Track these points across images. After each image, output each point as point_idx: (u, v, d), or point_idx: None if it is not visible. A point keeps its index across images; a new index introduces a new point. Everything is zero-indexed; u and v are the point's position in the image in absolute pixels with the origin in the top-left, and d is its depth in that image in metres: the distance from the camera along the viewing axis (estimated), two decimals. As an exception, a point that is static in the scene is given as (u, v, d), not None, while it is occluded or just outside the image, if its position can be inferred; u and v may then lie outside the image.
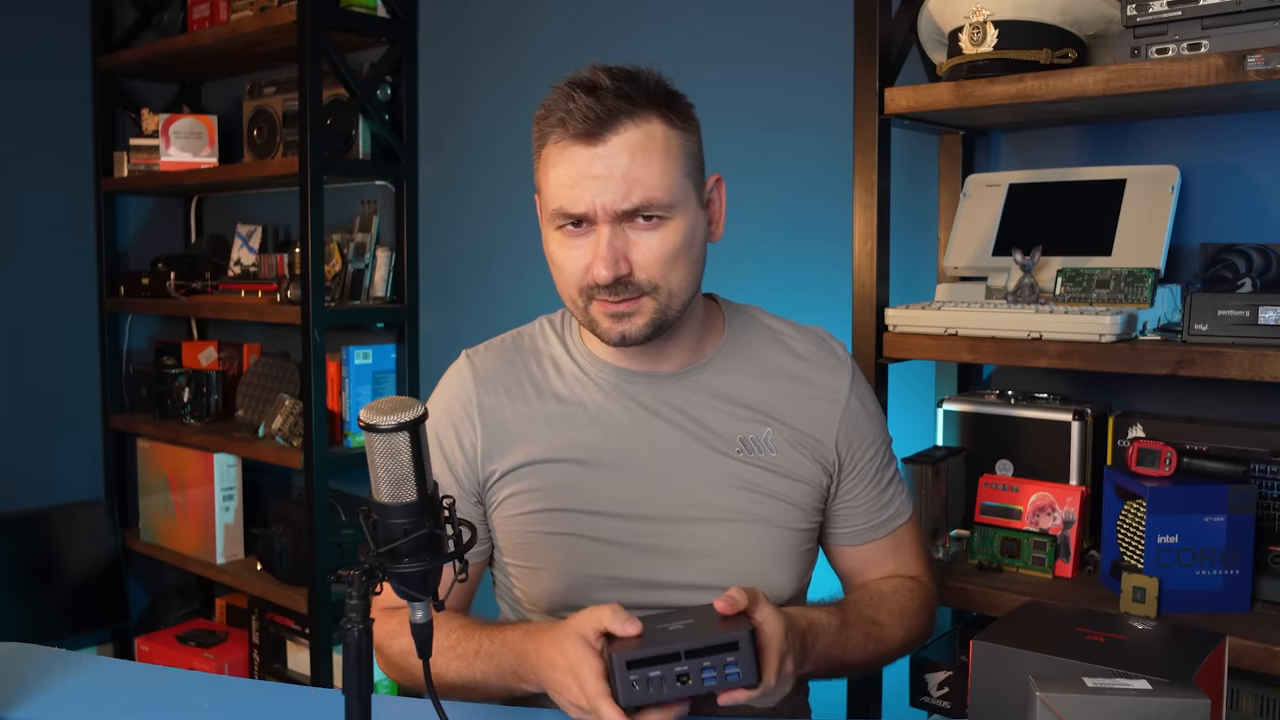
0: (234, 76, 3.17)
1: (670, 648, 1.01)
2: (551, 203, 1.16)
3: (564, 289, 1.21)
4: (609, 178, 1.12)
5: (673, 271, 1.17)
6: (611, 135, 1.13)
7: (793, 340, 1.32)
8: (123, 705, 1.17)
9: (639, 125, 1.14)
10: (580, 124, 1.12)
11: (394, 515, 0.89)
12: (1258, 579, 1.43)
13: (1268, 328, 1.35)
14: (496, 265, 2.57)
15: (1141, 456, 1.46)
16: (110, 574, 3.02)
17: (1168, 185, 1.59)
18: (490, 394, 1.27)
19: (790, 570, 1.27)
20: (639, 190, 1.13)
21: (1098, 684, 0.85)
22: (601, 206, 1.13)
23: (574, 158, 1.13)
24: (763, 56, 2.11)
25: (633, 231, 1.15)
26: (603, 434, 1.25)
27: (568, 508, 1.23)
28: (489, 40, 2.57)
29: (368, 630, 0.88)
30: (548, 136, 1.16)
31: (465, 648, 1.17)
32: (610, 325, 1.18)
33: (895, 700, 1.74)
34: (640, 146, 1.13)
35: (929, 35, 1.72)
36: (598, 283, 1.15)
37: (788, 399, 1.28)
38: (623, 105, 1.13)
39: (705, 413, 1.26)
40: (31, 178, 3.12)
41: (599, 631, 1.04)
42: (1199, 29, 1.37)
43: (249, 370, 3.00)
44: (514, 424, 1.26)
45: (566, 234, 1.17)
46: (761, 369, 1.29)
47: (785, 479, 1.26)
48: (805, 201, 2.06)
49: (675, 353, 1.27)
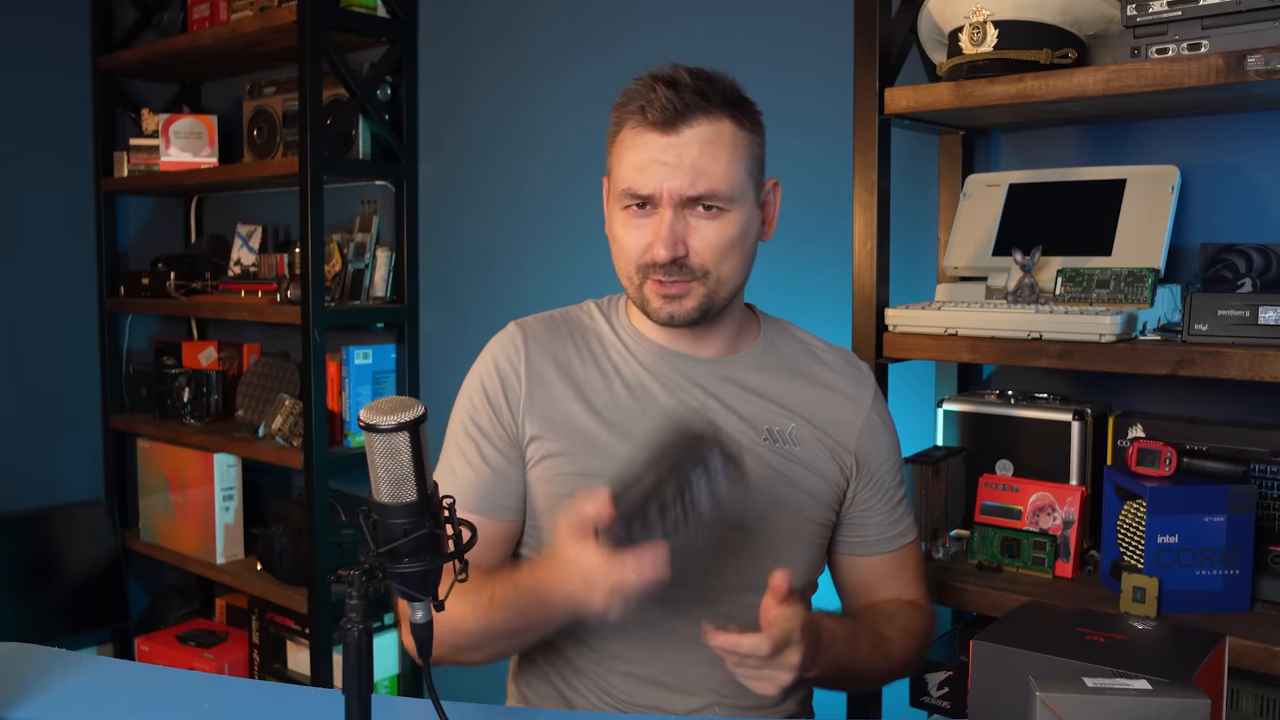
0: (234, 76, 3.17)
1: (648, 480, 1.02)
2: (621, 183, 1.23)
3: (622, 265, 1.27)
4: (678, 165, 1.19)
5: (725, 260, 1.24)
6: (685, 127, 1.20)
7: (822, 352, 1.39)
8: (123, 705, 1.17)
9: (711, 122, 1.21)
10: (658, 113, 1.19)
11: (394, 515, 0.89)
12: (1258, 579, 1.43)
13: (1268, 328, 1.35)
14: (496, 265, 2.57)
15: (1141, 456, 1.46)
16: (110, 574, 3.02)
17: (1168, 185, 1.59)
18: (538, 357, 1.32)
19: (804, 558, 1.30)
20: (704, 180, 1.20)
21: (1098, 684, 0.85)
22: (668, 191, 1.20)
23: (648, 144, 1.20)
24: (763, 56, 2.11)
25: (693, 218, 1.22)
26: (638, 405, 1.29)
27: (597, 473, 1.25)
28: (489, 40, 2.57)
29: (368, 630, 0.88)
30: (625, 122, 1.23)
31: (480, 596, 1.18)
32: (661, 304, 1.24)
33: (895, 700, 1.74)
34: (710, 141, 1.20)
35: (929, 35, 1.72)
36: (656, 261, 1.21)
37: (814, 401, 1.33)
38: (699, 101, 1.20)
39: (735, 399, 1.31)
40: (31, 178, 3.12)
41: (580, 519, 1.06)
42: (1199, 29, 1.37)
43: (249, 370, 3.00)
44: (556, 387, 1.30)
45: (631, 214, 1.24)
46: (791, 371, 1.34)
47: (808, 472, 1.30)
48: (805, 201, 2.06)
49: (715, 341, 1.32)
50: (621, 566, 1.03)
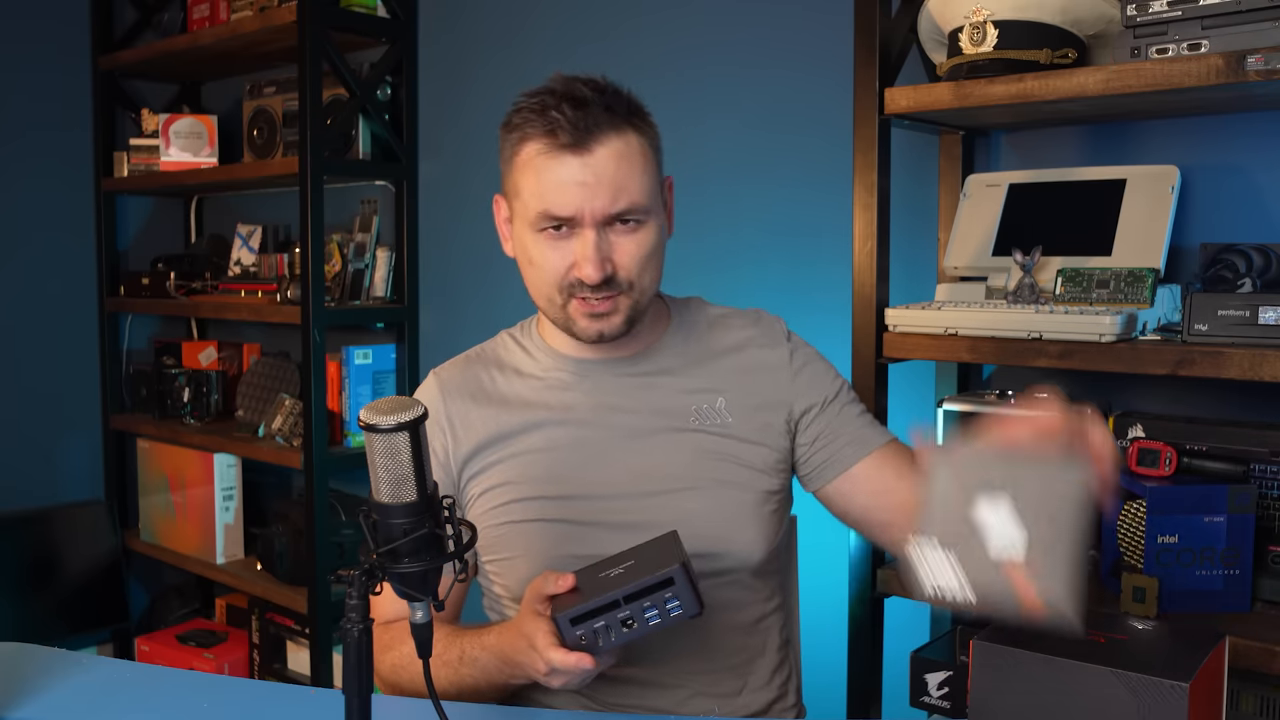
0: (234, 76, 3.17)
1: (608, 596, 1.04)
2: (536, 205, 1.22)
3: (542, 288, 1.26)
4: (597, 184, 1.19)
5: (646, 270, 1.25)
6: (597, 145, 1.19)
7: (733, 322, 1.39)
8: (123, 705, 1.17)
9: (620, 136, 1.21)
10: (568, 134, 1.18)
11: (394, 515, 0.90)
12: (1258, 579, 1.43)
13: (1268, 328, 1.35)
14: (496, 265, 2.57)
15: (1141, 456, 1.46)
16: (110, 574, 3.02)
17: (1168, 185, 1.59)
18: (456, 402, 1.34)
19: (755, 530, 1.30)
20: (624, 196, 1.20)
21: None
22: (590, 211, 1.20)
23: (562, 165, 1.20)
24: (763, 56, 2.11)
25: (614, 234, 1.22)
26: (563, 422, 1.31)
27: (535, 495, 1.29)
28: (489, 40, 2.57)
29: (368, 630, 0.88)
30: (526, 143, 1.22)
31: (450, 655, 1.22)
32: (589, 324, 1.25)
33: (895, 700, 1.74)
34: (623, 155, 1.21)
35: (929, 35, 1.72)
36: (585, 282, 1.21)
37: (735, 370, 1.34)
38: (606, 117, 1.20)
39: (658, 391, 1.32)
40: (31, 178, 3.12)
41: (543, 598, 1.10)
42: (1199, 29, 1.37)
43: (249, 370, 3.00)
44: (479, 426, 1.32)
45: (548, 236, 1.23)
46: (706, 348, 1.36)
47: (742, 443, 1.31)
48: (805, 201, 2.06)
49: (630, 341, 1.33)
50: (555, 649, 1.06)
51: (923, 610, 1.87)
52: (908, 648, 1.68)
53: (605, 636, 1.05)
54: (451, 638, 1.23)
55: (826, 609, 1.87)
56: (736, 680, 1.30)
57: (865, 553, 1.68)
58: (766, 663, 1.33)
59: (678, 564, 1.04)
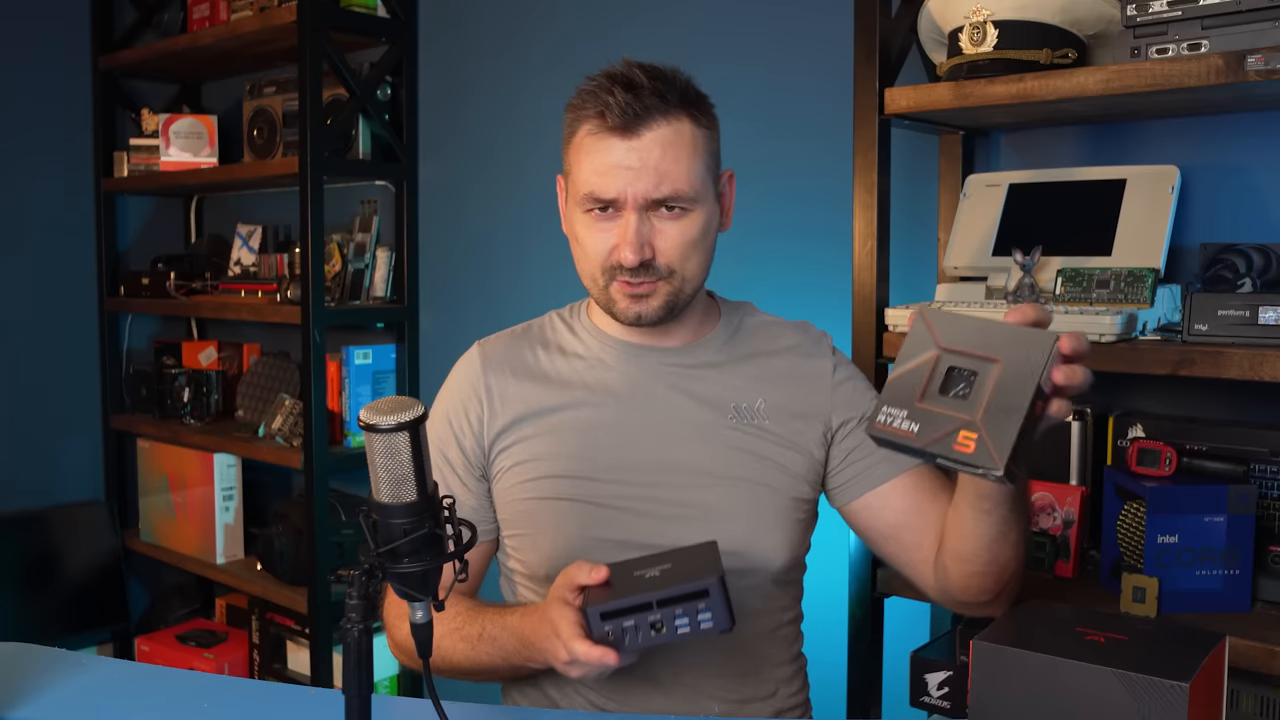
0: (234, 76, 3.17)
1: (641, 598, 1.03)
2: (583, 187, 1.24)
3: (586, 267, 1.28)
4: (641, 169, 1.20)
5: (689, 258, 1.25)
6: (645, 130, 1.21)
7: (779, 326, 1.40)
8: (123, 705, 1.17)
9: (670, 123, 1.22)
10: (618, 118, 1.20)
11: (394, 515, 0.90)
12: (1258, 579, 1.43)
13: (1268, 328, 1.35)
14: (496, 265, 2.57)
15: (1141, 456, 1.46)
16: (110, 574, 3.03)
17: (1168, 185, 1.59)
18: (496, 374, 1.34)
19: (781, 534, 1.30)
20: (668, 182, 1.21)
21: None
22: (633, 195, 1.21)
23: (609, 148, 1.21)
24: (763, 56, 2.11)
25: (657, 220, 1.23)
26: (601, 403, 1.31)
27: (564, 474, 1.29)
28: (489, 40, 2.57)
29: (368, 630, 0.88)
30: (581, 124, 1.24)
31: (469, 630, 1.23)
32: (628, 305, 1.26)
33: (895, 700, 1.74)
34: (670, 142, 1.21)
35: (929, 35, 1.72)
36: (623, 265, 1.23)
37: (778, 374, 1.35)
38: (657, 102, 1.21)
39: (700, 384, 1.32)
40: (31, 178, 3.12)
41: (574, 588, 1.10)
42: (1199, 29, 1.37)
43: (249, 370, 3.00)
44: (518, 400, 1.32)
45: (594, 217, 1.24)
46: (753, 350, 1.36)
47: (778, 445, 1.31)
48: (805, 201, 2.06)
49: (678, 332, 1.34)
50: (580, 640, 1.06)
51: (923, 610, 1.87)
52: (908, 648, 1.68)
53: (633, 636, 1.04)
54: (472, 613, 1.24)
55: (826, 609, 1.87)
56: (747, 689, 1.29)
57: (865, 553, 1.68)
58: (778, 674, 1.32)
59: (716, 576, 1.03)
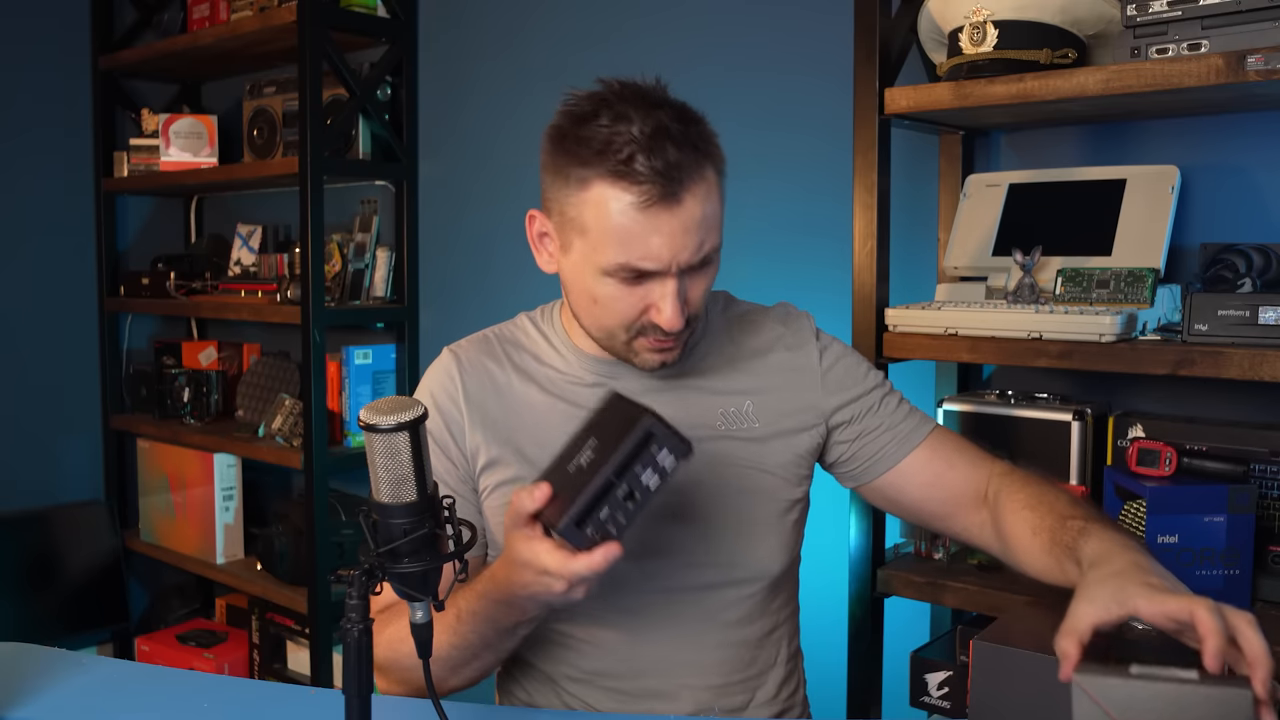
0: (234, 76, 3.17)
1: (598, 482, 0.97)
2: (615, 256, 1.12)
3: (604, 322, 1.19)
4: (685, 235, 1.11)
5: (705, 298, 1.20)
6: (686, 195, 1.10)
7: (760, 320, 1.35)
8: (123, 705, 1.17)
9: (703, 177, 1.12)
10: (659, 188, 1.08)
11: (394, 515, 0.90)
12: (1258, 579, 1.43)
13: (1268, 328, 1.35)
14: (496, 265, 2.57)
15: (1141, 456, 1.46)
16: (110, 574, 3.02)
17: (1168, 185, 1.59)
18: (474, 383, 1.28)
19: (775, 539, 1.28)
20: (709, 241, 1.14)
21: (1142, 670, 0.81)
22: (677, 264, 1.13)
23: (649, 219, 1.10)
24: (763, 57, 2.11)
25: (690, 278, 1.16)
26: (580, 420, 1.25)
27: None
28: (489, 40, 2.57)
29: (368, 630, 0.88)
30: (600, 183, 1.10)
31: (446, 618, 1.15)
32: (653, 357, 1.20)
33: (895, 700, 1.74)
34: (705, 198, 1.13)
35: (929, 35, 1.72)
36: (666, 329, 1.15)
37: (763, 376, 1.30)
38: (692, 158, 1.11)
39: (685, 394, 1.28)
40: (31, 178, 3.12)
41: (525, 517, 1.02)
42: (1199, 29, 1.37)
43: (249, 370, 3.00)
44: (497, 413, 1.27)
45: (622, 281, 1.14)
46: (734, 350, 1.32)
47: (768, 449, 1.28)
48: (805, 201, 2.06)
49: None
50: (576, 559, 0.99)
51: (923, 610, 1.87)
52: (908, 648, 1.68)
53: (615, 522, 0.98)
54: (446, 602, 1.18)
55: (826, 609, 1.87)
56: (745, 694, 1.28)
57: (865, 553, 1.68)
58: (775, 675, 1.32)
59: (649, 416, 0.98)
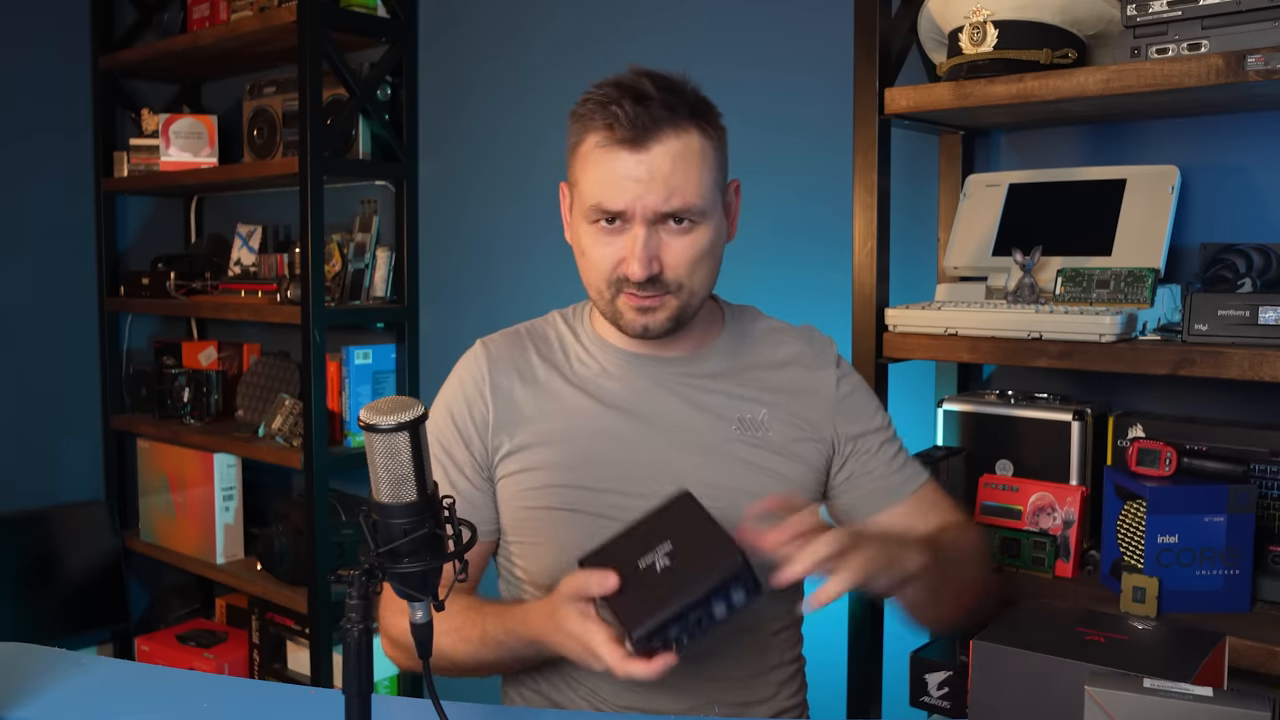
0: (234, 76, 3.17)
1: (678, 605, 1.02)
2: (590, 198, 1.22)
3: (592, 279, 1.26)
4: (651, 181, 1.19)
5: (696, 271, 1.24)
6: (655, 143, 1.19)
7: (784, 337, 1.39)
8: (123, 705, 1.17)
9: (679, 135, 1.20)
10: (628, 130, 1.18)
11: (394, 515, 0.90)
12: (1258, 579, 1.43)
13: (1268, 328, 1.35)
14: (496, 265, 2.57)
15: (1141, 456, 1.46)
16: (110, 574, 3.02)
17: (1168, 185, 1.59)
18: (502, 374, 1.33)
19: None
20: (678, 196, 1.20)
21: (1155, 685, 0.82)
22: (642, 208, 1.19)
23: (618, 160, 1.19)
24: (763, 56, 2.11)
25: (665, 233, 1.22)
26: (605, 414, 1.30)
27: (567, 484, 1.28)
28: (489, 40, 2.57)
29: (368, 630, 0.88)
30: (588, 134, 1.22)
31: (470, 633, 1.22)
32: (635, 317, 1.25)
33: (895, 700, 1.74)
34: (680, 155, 1.20)
35: (929, 35, 1.72)
36: (631, 279, 1.21)
37: (780, 388, 1.34)
38: (666, 115, 1.19)
39: (704, 395, 1.31)
40: (32, 178, 3.12)
41: (586, 599, 1.08)
42: (1199, 29, 1.37)
43: (249, 370, 3.00)
44: (523, 403, 1.31)
45: (601, 229, 1.23)
46: (756, 359, 1.35)
47: (782, 457, 1.30)
48: (805, 201, 2.06)
49: (681, 341, 1.33)
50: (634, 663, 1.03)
51: (923, 610, 1.86)
52: (908, 648, 1.68)
53: (679, 640, 1.04)
54: (472, 614, 1.23)
55: (826, 609, 1.87)
56: (749, 692, 1.29)
57: (865, 553, 1.68)
58: (778, 676, 1.32)
59: (738, 556, 1.03)
